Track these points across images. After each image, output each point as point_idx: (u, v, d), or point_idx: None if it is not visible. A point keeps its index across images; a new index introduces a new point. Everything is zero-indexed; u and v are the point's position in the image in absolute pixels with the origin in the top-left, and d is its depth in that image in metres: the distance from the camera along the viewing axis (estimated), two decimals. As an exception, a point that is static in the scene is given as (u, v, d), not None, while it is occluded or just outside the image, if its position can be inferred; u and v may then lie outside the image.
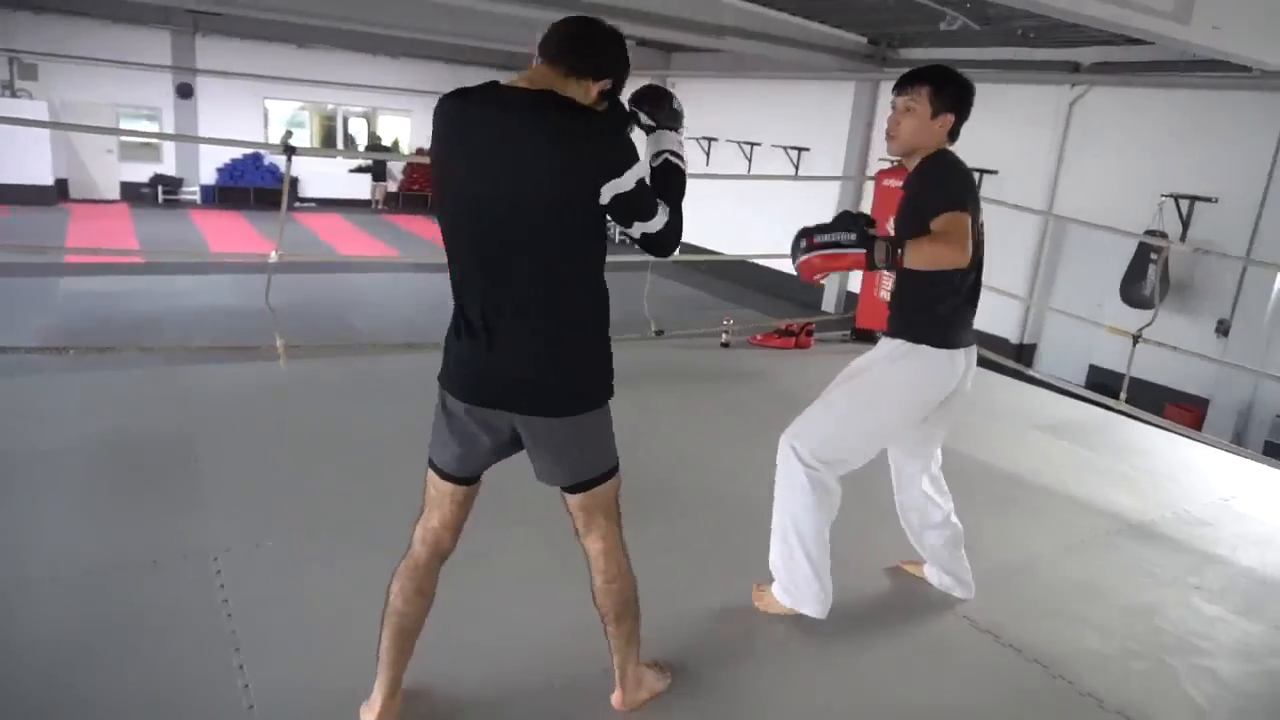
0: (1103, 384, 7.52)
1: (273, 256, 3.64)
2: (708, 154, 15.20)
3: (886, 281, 5.49)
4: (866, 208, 11.58)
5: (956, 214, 2.25)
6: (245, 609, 2.44)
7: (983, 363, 6.00)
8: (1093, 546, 3.43)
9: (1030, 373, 6.61)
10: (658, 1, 9.60)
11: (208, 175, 17.81)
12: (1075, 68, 9.56)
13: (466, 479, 1.93)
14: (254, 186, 17.96)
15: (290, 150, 3.62)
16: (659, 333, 4.93)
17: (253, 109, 17.94)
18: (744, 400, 4.91)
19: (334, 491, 3.25)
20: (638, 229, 1.83)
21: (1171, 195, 8.48)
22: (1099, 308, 8.40)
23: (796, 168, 13.12)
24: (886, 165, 10.47)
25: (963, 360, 2.53)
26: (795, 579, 2.57)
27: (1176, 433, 5.13)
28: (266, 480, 3.30)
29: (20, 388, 4.25)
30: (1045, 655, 2.59)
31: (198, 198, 17.65)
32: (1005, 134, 9.55)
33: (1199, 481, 4.35)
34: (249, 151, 17.94)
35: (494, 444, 1.89)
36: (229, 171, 17.90)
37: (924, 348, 2.48)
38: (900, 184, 2.59)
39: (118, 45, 16.12)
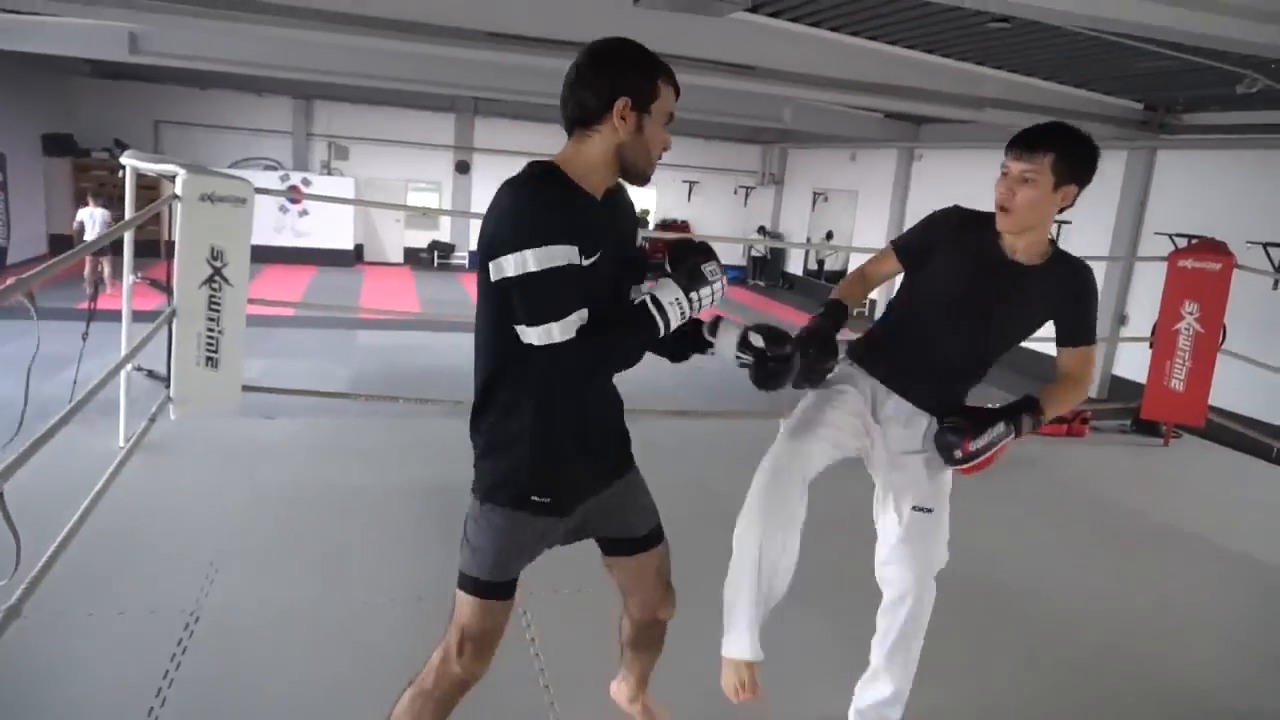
0: None
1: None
2: (956, 225, 14.72)
3: (1179, 370, 5.05)
4: (1135, 285, 10.73)
5: (1095, 350, 2.17)
6: (550, 647, 2.67)
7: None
8: None
9: None
10: (913, 75, 9.58)
11: (475, 242, 19.72)
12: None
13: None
14: (514, 253, 19.65)
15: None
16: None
17: (518, 183, 19.74)
18: (1018, 487, 4.68)
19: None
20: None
21: None
22: None
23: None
24: (1168, 242, 9.67)
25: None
26: None
27: None
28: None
29: (348, 430, 4.93)
30: None
31: (466, 262, 19.57)
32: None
33: None
34: (512, 221, 19.74)
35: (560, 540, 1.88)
36: (494, 239, 19.74)
37: None
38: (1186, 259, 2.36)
39: (411, 128, 18.45)
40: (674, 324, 1.70)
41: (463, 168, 19.22)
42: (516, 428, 1.74)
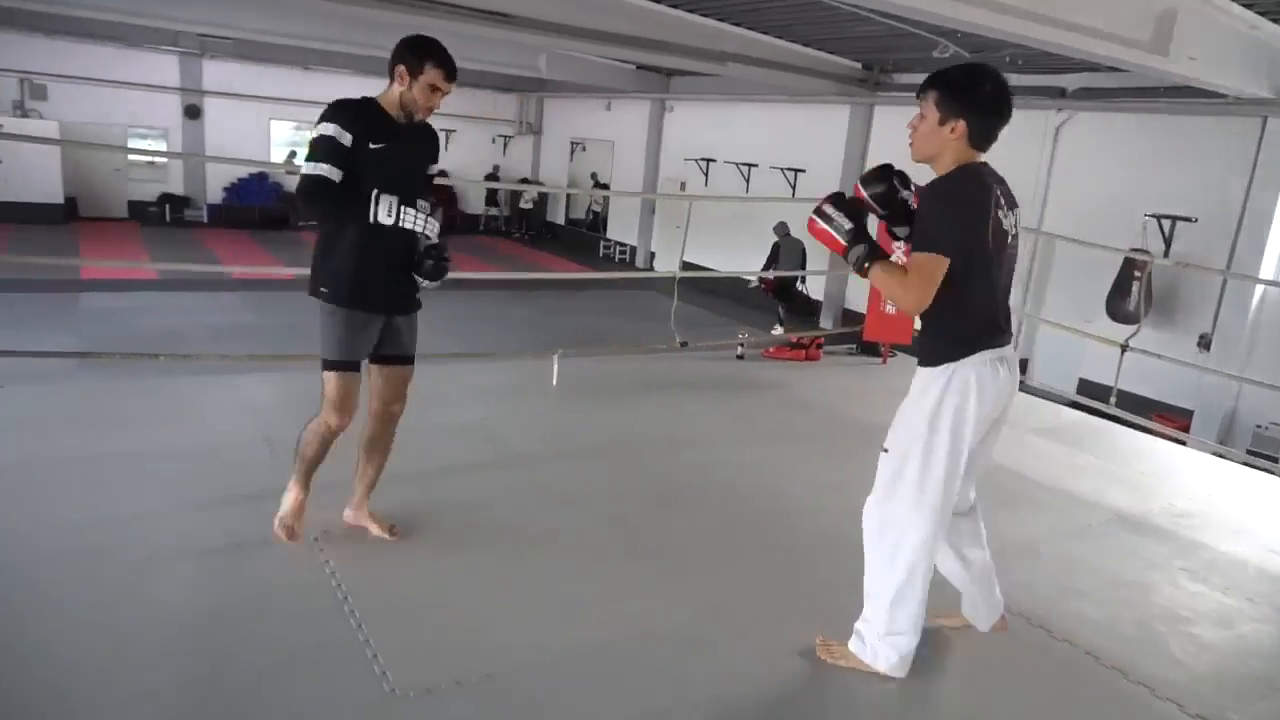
0: (1090, 395, 7.90)
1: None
2: (706, 175, 15.61)
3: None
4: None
5: (932, 257, 2.20)
6: (354, 584, 2.76)
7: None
8: (1090, 535, 3.80)
9: (1025, 382, 7.01)
10: (660, 29, 10.02)
11: (214, 195, 18.12)
12: (1061, 93, 10.04)
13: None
14: (259, 206, 18.28)
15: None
16: (683, 344, 5.31)
17: (258, 129, 18.28)
18: (765, 407, 5.28)
19: (408, 479, 3.57)
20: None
21: (1155, 215, 8.94)
22: (1087, 323, 8.80)
23: (794, 189, 13.55)
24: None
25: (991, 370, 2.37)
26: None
27: (1163, 436, 5.51)
28: (344, 473, 3.61)
29: (93, 393, 4.57)
30: (1048, 622, 2.94)
31: (204, 217, 17.95)
32: (995, 155, 9.95)
33: (1185, 481, 4.72)
34: (254, 171, 18.30)
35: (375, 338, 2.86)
36: (235, 192, 18.21)
37: (946, 366, 2.37)
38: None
39: (126, 67, 16.47)
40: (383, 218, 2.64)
41: (192, 112, 17.52)
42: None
